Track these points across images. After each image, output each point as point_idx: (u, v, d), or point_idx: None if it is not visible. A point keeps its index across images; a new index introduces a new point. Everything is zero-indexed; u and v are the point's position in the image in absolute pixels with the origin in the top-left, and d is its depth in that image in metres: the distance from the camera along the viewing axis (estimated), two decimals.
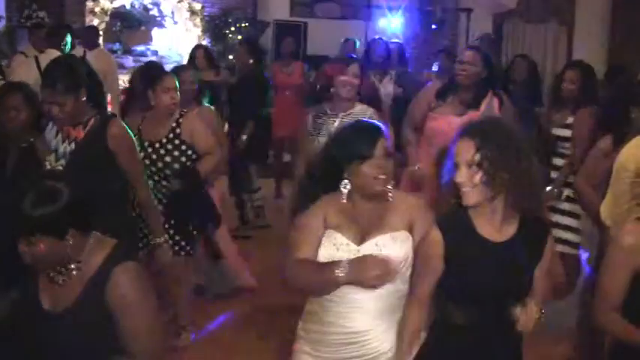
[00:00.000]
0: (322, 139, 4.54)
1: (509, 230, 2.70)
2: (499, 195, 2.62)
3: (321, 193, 2.96)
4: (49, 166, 3.98)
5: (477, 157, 2.57)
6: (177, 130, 4.70)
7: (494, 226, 2.69)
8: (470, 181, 2.60)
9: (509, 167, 2.57)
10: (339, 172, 2.90)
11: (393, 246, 2.84)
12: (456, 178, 2.61)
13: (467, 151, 2.60)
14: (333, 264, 2.76)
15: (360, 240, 2.87)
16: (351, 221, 2.90)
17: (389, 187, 2.89)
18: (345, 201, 2.91)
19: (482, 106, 4.94)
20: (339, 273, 2.71)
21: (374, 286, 2.76)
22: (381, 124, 3.01)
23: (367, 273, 2.69)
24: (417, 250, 2.82)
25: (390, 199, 2.91)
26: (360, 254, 2.80)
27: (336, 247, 2.86)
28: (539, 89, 7.21)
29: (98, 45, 9.47)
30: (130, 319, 2.62)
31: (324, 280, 2.78)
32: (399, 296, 2.87)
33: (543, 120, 5.80)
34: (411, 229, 2.88)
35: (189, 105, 5.30)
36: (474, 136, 2.60)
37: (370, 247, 2.84)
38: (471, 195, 2.62)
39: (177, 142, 4.69)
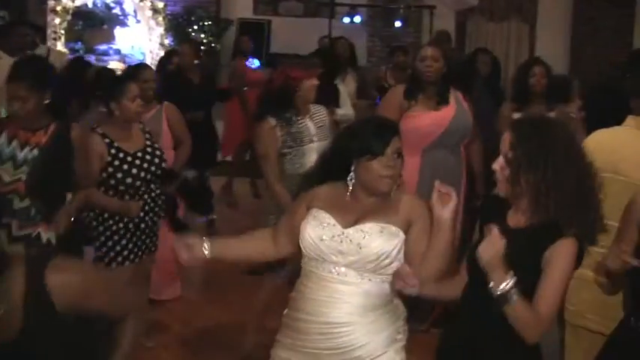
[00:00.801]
0: (312, 146, 4.52)
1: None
2: (524, 196, 2.61)
3: (323, 182, 3.00)
4: (6, 176, 3.93)
5: (510, 153, 2.57)
6: (148, 136, 4.63)
7: (518, 219, 2.67)
8: (500, 172, 2.62)
9: (537, 173, 2.54)
10: (347, 164, 2.90)
11: (378, 236, 2.83)
12: (493, 164, 2.65)
13: (505, 143, 2.61)
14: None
15: (349, 225, 2.86)
16: (346, 207, 2.91)
17: (395, 187, 2.89)
18: (348, 194, 2.91)
19: (452, 101, 4.98)
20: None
21: None
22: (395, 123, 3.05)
23: None
24: None
25: (392, 196, 2.91)
26: (344, 236, 2.82)
27: (322, 226, 2.87)
28: (499, 85, 7.25)
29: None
30: None
31: None
32: (381, 294, 2.87)
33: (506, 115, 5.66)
34: (407, 229, 2.87)
35: (150, 103, 5.29)
36: (515, 131, 2.61)
37: (355, 232, 2.84)
38: (500, 185, 2.64)
39: (155, 148, 4.61)
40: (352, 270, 2.83)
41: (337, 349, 2.85)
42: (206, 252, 2.93)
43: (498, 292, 2.46)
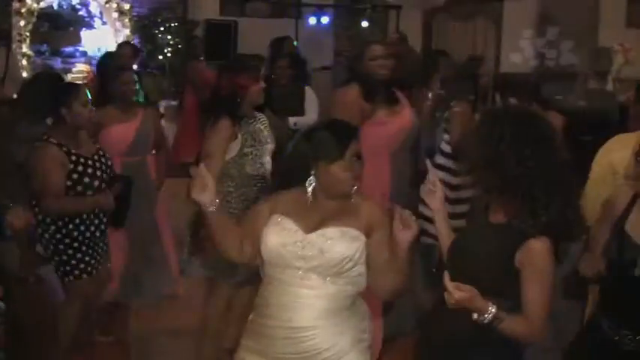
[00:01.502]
0: (268, 147, 4.51)
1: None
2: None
3: (283, 187, 3.02)
4: None
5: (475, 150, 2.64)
6: (94, 140, 4.63)
7: (497, 215, 2.71)
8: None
9: (497, 169, 2.58)
10: (307, 168, 2.92)
11: (340, 240, 2.84)
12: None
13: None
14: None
15: (310, 230, 2.88)
16: (307, 212, 2.92)
17: (354, 189, 2.92)
18: (309, 198, 2.94)
19: (402, 100, 4.89)
20: None
21: None
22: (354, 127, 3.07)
23: None
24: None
25: (353, 200, 2.94)
26: (306, 242, 2.84)
27: (284, 232, 2.89)
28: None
29: None
30: None
31: None
32: (344, 296, 2.89)
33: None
34: (368, 233, 2.89)
35: (131, 107, 5.35)
36: (478, 128, 2.69)
37: (317, 237, 2.85)
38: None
39: (104, 152, 4.60)
40: (315, 274, 2.85)
41: (303, 352, 2.86)
42: (213, 207, 2.88)
43: (485, 321, 2.52)
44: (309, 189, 2.94)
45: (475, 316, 2.52)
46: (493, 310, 2.51)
